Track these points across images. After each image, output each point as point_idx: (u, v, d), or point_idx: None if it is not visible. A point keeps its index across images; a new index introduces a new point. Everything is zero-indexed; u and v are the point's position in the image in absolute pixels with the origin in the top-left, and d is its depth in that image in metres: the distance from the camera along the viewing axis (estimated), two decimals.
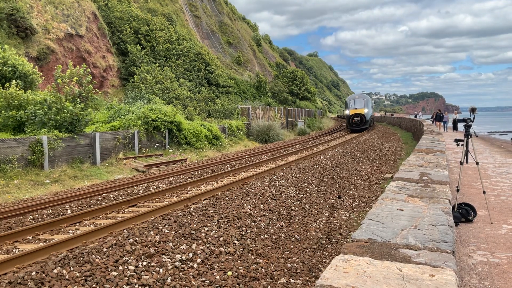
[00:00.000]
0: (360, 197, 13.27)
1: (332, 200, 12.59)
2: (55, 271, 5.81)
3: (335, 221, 10.57)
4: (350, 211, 11.58)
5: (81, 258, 6.27)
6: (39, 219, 9.11)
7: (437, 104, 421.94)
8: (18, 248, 7.16)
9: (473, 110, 9.12)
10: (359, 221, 10.30)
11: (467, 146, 8.79)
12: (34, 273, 5.68)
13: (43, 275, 5.67)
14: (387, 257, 2.90)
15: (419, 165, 7.96)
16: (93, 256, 6.38)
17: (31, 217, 9.27)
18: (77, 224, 8.79)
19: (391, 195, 5.09)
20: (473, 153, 8.92)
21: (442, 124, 40.07)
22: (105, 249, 6.66)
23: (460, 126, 9.40)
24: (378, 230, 3.57)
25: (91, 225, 8.59)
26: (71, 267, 5.98)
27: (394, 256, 2.95)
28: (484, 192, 8.84)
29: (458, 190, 8.75)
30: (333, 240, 9.14)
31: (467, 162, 8.87)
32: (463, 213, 8.20)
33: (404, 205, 4.55)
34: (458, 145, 9.06)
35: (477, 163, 8.92)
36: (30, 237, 7.82)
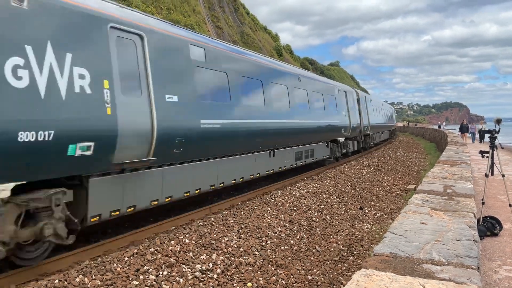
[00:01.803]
0: (382, 209, 13.09)
1: (354, 211, 12.45)
2: (77, 279, 5.88)
3: (357, 232, 10.44)
4: (372, 223, 11.43)
5: (103, 267, 6.33)
6: None
7: (461, 114, 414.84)
8: None
9: (498, 121, 8.94)
10: (381, 233, 10.15)
11: (492, 157, 8.60)
12: (57, 281, 5.76)
13: (66, 283, 5.75)
14: (410, 273, 2.85)
15: (443, 177, 7.83)
16: (115, 265, 6.44)
17: None
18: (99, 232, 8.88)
19: (414, 208, 5.01)
20: (498, 165, 8.72)
21: (468, 135, 37.12)
22: (126, 258, 6.71)
23: (486, 137, 9.22)
24: (401, 244, 3.51)
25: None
26: (93, 276, 6.04)
27: (417, 271, 2.90)
28: (510, 205, 8.62)
29: (483, 203, 8.55)
30: (355, 252, 9.02)
31: (492, 174, 8.68)
32: (489, 227, 8.01)
33: (428, 219, 4.47)
34: (483, 156, 8.87)
35: (503, 175, 8.72)
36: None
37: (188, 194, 9.50)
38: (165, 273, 6.46)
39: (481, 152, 8.96)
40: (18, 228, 5.85)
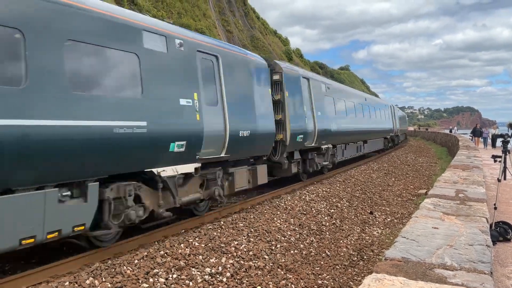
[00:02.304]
0: (393, 213, 13.00)
1: (364, 216, 12.38)
2: (87, 281, 5.90)
3: (367, 237, 10.37)
4: (382, 228, 11.35)
5: (113, 269, 6.35)
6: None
7: (473, 118, 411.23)
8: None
9: (511, 125, 8.84)
10: (391, 238, 10.07)
11: (505, 162, 8.50)
12: (67, 283, 5.79)
13: (76, 285, 5.78)
14: (422, 277, 2.82)
15: (455, 182, 7.75)
16: (125, 267, 6.45)
17: None
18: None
19: (426, 212, 4.96)
20: (511, 169, 8.62)
21: (481, 140, 34.72)
22: (136, 261, 6.73)
23: (498, 141, 9.12)
24: (413, 248, 3.48)
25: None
26: (103, 278, 6.06)
27: (429, 276, 2.86)
28: None
29: (495, 208, 8.44)
30: (365, 257, 8.96)
31: (505, 179, 8.57)
32: (501, 232, 7.90)
33: (439, 223, 4.42)
34: (495, 161, 8.77)
35: None
36: (64, 248, 7.99)
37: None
38: (174, 276, 6.47)
39: (494, 157, 8.86)
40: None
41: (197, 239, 8.10)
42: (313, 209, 11.84)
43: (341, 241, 9.78)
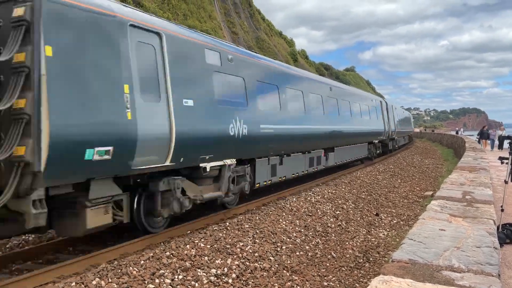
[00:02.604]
0: (399, 215, 12.95)
1: (370, 218, 12.34)
2: (94, 282, 5.92)
3: (373, 239, 10.34)
4: (388, 229, 11.31)
5: (119, 270, 6.37)
6: None
7: (479, 120, 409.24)
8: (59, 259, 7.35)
9: None
10: (397, 240, 10.04)
11: None
12: (74, 283, 5.81)
13: (82, 286, 5.80)
14: (429, 279, 2.81)
15: (462, 183, 7.72)
16: (131, 268, 6.47)
17: None
18: (116, 236, 8.95)
19: (433, 214, 4.94)
20: None
21: (488, 142, 33.61)
22: (142, 262, 6.75)
23: (506, 143, 9.06)
24: (420, 250, 3.46)
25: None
26: (109, 279, 6.08)
27: (437, 278, 2.85)
28: None
29: (502, 210, 8.39)
30: (371, 259, 8.93)
31: (511, 181, 8.52)
32: (508, 234, 7.86)
33: (447, 225, 4.41)
34: (502, 163, 8.72)
35: None
36: (71, 248, 8.02)
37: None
38: (180, 277, 6.48)
39: (500, 158, 8.81)
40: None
41: (202, 240, 8.11)
42: (318, 210, 11.82)
43: (347, 243, 9.75)
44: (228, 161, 9.94)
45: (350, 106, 20.20)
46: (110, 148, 6.54)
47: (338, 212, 12.14)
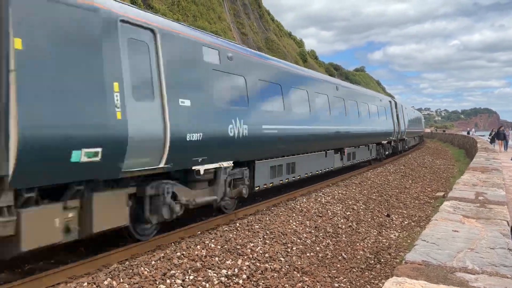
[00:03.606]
0: (410, 216, 12.86)
1: (381, 219, 12.27)
2: (105, 282, 5.95)
3: (384, 240, 10.27)
4: (399, 231, 11.23)
5: (131, 270, 6.40)
6: None
7: (490, 120, 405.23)
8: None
9: None
10: (409, 241, 9.96)
11: None
12: (85, 283, 5.85)
13: (94, 286, 5.83)
14: (443, 281, 2.78)
15: (474, 184, 7.64)
16: (142, 268, 6.50)
17: None
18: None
19: (446, 215, 4.90)
20: None
21: (503, 143, 31.12)
22: (153, 262, 6.77)
23: None
24: (433, 252, 3.43)
25: None
26: (121, 279, 6.11)
27: (451, 280, 2.82)
28: None
29: None
30: (382, 260, 8.87)
31: None
32: None
33: (460, 226, 4.36)
34: None
35: None
36: (83, 248, 8.08)
37: None
38: (191, 277, 6.49)
39: None
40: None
41: (213, 240, 8.12)
42: (329, 211, 11.78)
43: (357, 244, 9.70)
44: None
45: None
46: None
47: (348, 213, 12.08)
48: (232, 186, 10.03)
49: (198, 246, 7.71)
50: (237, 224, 9.38)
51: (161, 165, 7.43)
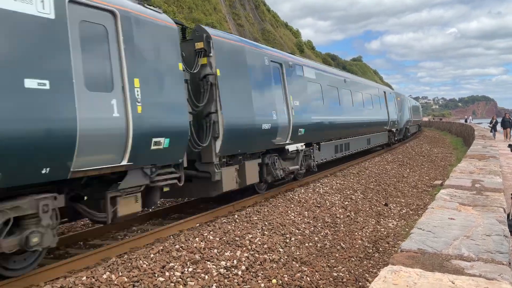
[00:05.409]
0: (408, 205, 12.91)
1: (379, 208, 12.31)
2: (104, 276, 5.97)
3: (382, 229, 10.32)
4: (397, 219, 11.28)
5: (129, 264, 6.41)
6: (90, 225, 9.42)
7: (488, 108, 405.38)
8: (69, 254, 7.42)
9: None
10: (407, 229, 10.01)
11: None
12: (84, 278, 5.86)
13: (93, 280, 5.84)
14: (438, 269, 2.79)
15: (471, 172, 7.65)
16: (141, 261, 6.51)
17: (82, 222, 9.60)
18: (125, 230, 9.01)
19: (442, 203, 4.91)
20: None
21: (500, 131, 30.36)
22: (152, 255, 6.78)
23: None
24: (429, 240, 3.44)
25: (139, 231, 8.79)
26: (120, 273, 6.12)
27: (446, 267, 2.83)
28: None
29: None
30: (380, 249, 8.92)
31: None
32: None
33: (456, 214, 4.37)
34: None
35: None
36: (81, 243, 8.09)
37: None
38: (190, 269, 6.51)
39: (510, 146, 8.73)
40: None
41: (211, 232, 8.14)
42: (327, 201, 11.81)
43: (356, 233, 9.74)
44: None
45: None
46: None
47: (346, 202, 12.11)
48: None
49: (197, 239, 7.72)
50: (236, 216, 9.39)
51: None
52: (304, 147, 13.17)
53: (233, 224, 8.80)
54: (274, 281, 6.56)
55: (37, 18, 5.63)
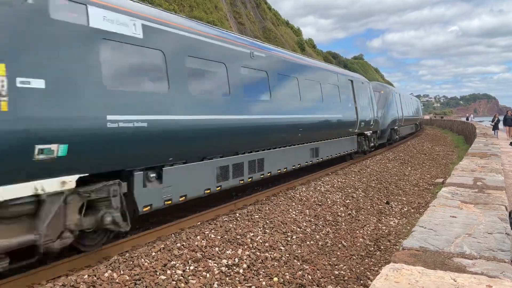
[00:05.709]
0: (410, 203, 12.89)
1: (380, 206, 12.29)
2: (106, 274, 5.98)
3: (384, 227, 10.30)
4: (399, 218, 11.26)
5: (131, 262, 6.42)
6: None
7: (489, 106, 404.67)
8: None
9: None
10: (408, 228, 10.00)
11: None
12: (86, 276, 5.87)
13: (95, 278, 5.85)
14: (440, 267, 2.79)
15: (473, 170, 7.64)
16: (142, 260, 6.52)
17: None
18: None
19: (444, 201, 4.90)
20: None
21: (502, 129, 29.76)
22: (153, 253, 6.79)
23: None
24: (431, 238, 3.44)
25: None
26: (121, 271, 6.13)
27: (448, 265, 2.83)
28: None
29: None
30: (382, 247, 8.91)
31: None
32: None
33: (458, 212, 4.37)
34: None
35: None
36: None
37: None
38: (191, 268, 6.51)
39: None
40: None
41: (213, 231, 8.14)
42: (328, 200, 11.80)
43: (357, 232, 9.74)
44: None
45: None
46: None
47: (348, 201, 12.11)
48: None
49: (198, 237, 7.73)
50: (237, 214, 9.40)
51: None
52: None
53: (235, 222, 8.80)
54: (275, 279, 6.56)
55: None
